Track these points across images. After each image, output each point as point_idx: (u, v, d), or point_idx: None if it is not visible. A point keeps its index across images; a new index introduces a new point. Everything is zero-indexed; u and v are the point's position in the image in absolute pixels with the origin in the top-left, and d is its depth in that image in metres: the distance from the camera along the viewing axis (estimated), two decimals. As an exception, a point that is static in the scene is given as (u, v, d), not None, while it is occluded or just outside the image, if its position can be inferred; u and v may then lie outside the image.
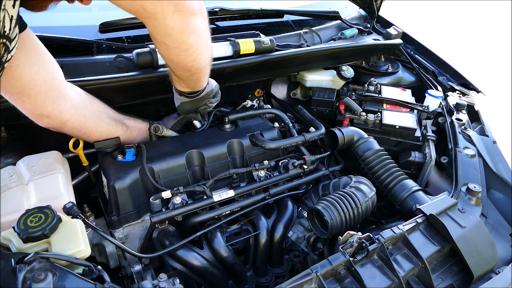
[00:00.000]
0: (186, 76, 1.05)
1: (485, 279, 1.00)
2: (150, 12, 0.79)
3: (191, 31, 0.87)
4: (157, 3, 0.77)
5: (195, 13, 0.85)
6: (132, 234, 1.17)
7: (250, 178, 1.29)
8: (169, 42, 0.89)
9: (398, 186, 1.26)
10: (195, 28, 0.87)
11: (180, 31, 0.85)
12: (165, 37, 0.87)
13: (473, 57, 5.32)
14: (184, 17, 0.83)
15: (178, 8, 0.80)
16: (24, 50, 0.89)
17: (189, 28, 0.86)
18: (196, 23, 0.87)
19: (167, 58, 0.98)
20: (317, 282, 0.89)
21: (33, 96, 0.96)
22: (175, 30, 0.84)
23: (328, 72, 1.76)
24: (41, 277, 0.73)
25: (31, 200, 0.98)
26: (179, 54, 0.93)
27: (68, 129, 1.10)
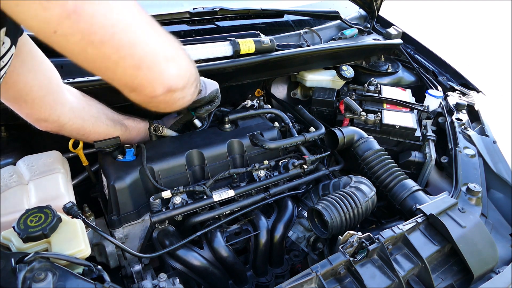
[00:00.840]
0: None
1: (485, 279, 1.00)
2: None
3: (180, 104, 0.80)
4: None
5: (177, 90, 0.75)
6: (132, 234, 1.17)
7: (250, 178, 1.29)
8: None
9: (398, 186, 1.26)
10: (185, 100, 0.80)
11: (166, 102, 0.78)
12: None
13: (473, 57, 5.31)
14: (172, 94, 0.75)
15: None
16: (20, 56, 0.87)
17: (178, 103, 0.79)
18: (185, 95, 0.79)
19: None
20: (317, 282, 0.89)
21: (30, 101, 0.95)
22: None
23: (328, 72, 1.76)
24: (41, 277, 0.73)
25: (31, 200, 0.98)
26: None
27: (67, 132, 1.11)
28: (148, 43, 0.64)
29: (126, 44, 0.60)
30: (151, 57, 0.65)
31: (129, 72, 0.65)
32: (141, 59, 0.64)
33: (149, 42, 0.64)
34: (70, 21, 0.51)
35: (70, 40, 0.54)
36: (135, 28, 0.61)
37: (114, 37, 0.57)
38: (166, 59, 0.69)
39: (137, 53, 0.63)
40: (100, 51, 0.58)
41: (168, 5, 1.61)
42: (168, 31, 1.51)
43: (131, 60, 0.63)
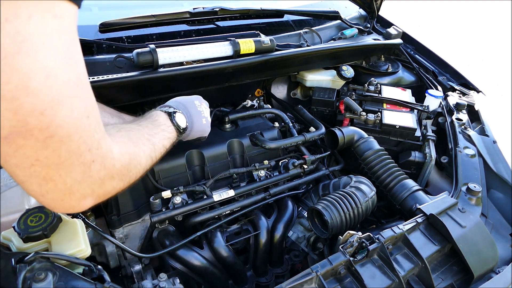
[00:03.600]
0: None
1: (485, 278, 1.00)
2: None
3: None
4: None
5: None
6: (132, 234, 1.17)
7: (250, 178, 1.29)
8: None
9: (398, 186, 1.26)
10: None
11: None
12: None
13: (473, 57, 5.32)
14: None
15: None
16: None
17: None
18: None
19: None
20: (317, 282, 0.89)
21: None
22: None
23: (328, 72, 1.76)
24: (41, 277, 0.73)
25: (31, 199, 0.98)
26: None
27: None
28: (67, 183, 0.56)
29: (40, 177, 0.54)
30: (61, 194, 0.58)
31: (31, 193, 0.58)
32: (48, 192, 0.56)
33: (68, 182, 0.56)
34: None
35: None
36: (60, 169, 0.54)
37: (30, 168, 0.52)
38: (82, 197, 0.60)
39: (48, 187, 0.56)
40: (10, 169, 0.53)
41: (168, 5, 1.61)
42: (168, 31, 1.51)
43: (38, 188, 0.56)
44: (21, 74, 0.45)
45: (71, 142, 0.53)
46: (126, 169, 0.71)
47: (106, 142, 0.62)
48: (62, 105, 0.50)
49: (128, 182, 0.73)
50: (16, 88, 0.45)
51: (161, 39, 1.41)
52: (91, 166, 0.59)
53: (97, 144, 0.59)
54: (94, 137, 0.58)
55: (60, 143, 0.52)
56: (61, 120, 0.50)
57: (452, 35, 6.10)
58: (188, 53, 1.28)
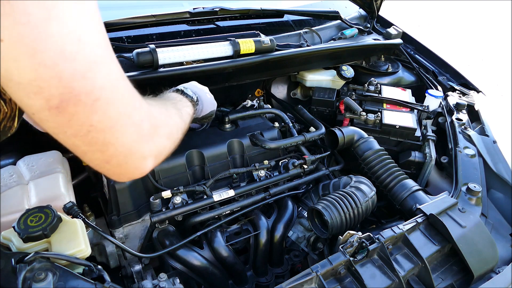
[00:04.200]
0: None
1: (485, 278, 1.00)
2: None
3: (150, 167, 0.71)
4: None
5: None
6: (132, 234, 1.17)
7: (250, 178, 1.29)
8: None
9: (398, 185, 1.26)
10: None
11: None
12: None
13: (473, 57, 5.32)
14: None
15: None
16: None
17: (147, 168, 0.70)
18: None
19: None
20: (317, 282, 0.89)
21: None
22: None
23: (328, 72, 1.76)
24: (41, 277, 0.73)
25: (31, 199, 0.98)
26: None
27: None
28: (125, 143, 0.60)
29: (99, 142, 0.57)
30: (123, 157, 0.61)
31: (96, 162, 0.62)
32: (112, 157, 0.60)
33: (126, 143, 0.60)
34: (50, 113, 0.51)
35: (45, 124, 0.54)
36: (115, 130, 0.58)
37: (88, 134, 0.55)
38: (142, 157, 0.65)
39: (110, 151, 0.59)
40: (70, 140, 0.56)
41: (168, 5, 1.62)
42: (168, 31, 1.51)
43: (101, 155, 0.59)
44: (56, 39, 0.47)
45: (117, 103, 0.57)
46: (168, 127, 0.76)
47: (144, 102, 0.66)
48: (99, 68, 0.53)
49: (173, 143, 0.77)
50: (54, 54, 0.47)
51: (161, 39, 1.41)
52: (142, 124, 0.63)
53: (139, 104, 0.63)
54: (135, 97, 0.62)
55: (107, 105, 0.55)
56: (102, 82, 0.53)
57: (452, 35, 6.10)
58: (188, 53, 1.28)
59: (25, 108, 0.52)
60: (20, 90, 0.49)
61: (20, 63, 0.46)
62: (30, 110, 0.52)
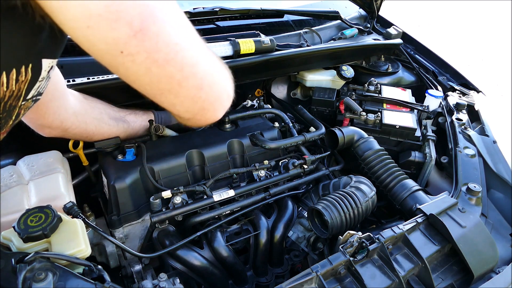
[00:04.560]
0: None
1: (485, 278, 1.00)
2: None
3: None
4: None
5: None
6: (132, 234, 1.17)
7: (250, 178, 1.29)
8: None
9: (398, 186, 1.26)
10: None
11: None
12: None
13: (473, 57, 5.32)
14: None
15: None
16: None
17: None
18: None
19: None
20: (317, 282, 0.89)
21: (34, 107, 0.95)
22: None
23: (328, 72, 1.76)
24: (41, 277, 0.73)
25: (31, 199, 0.98)
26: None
27: (70, 136, 1.12)
28: (207, 62, 0.64)
29: (189, 62, 0.60)
30: (211, 77, 0.65)
31: (192, 93, 0.64)
32: (202, 79, 0.63)
33: (207, 61, 0.64)
34: (136, 40, 0.53)
35: (136, 60, 0.55)
36: (196, 47, 0.61)
37: (177, 55, 0.58)
38: (225, 78, 0.69)
39: (199, 72, 0.62)
40: (165, 70, 0.58)
41: (168, 5, 1.61)
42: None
43: (194, 80, 0.62)
44: None
45: (185, 21, 0.61)
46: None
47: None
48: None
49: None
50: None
51: (161, 39, 1.41)
52: (211, 54, 0.67)
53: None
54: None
55: (180, 22, 0.59)
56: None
57: (452, 35, 6.10)
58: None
59: (113, 46, 0.53)
60: (101, 24, 0.50)
61: None
62: (118, 46, 0.53)
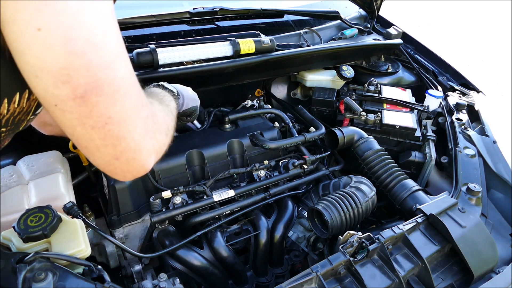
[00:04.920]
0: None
1: (485, 279, 1.00)
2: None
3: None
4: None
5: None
6: (132, 234, 1.17)
7: (250, 178, 1.29)
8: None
9: (398, 186, 1.26)
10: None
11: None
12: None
13: (473, 57, 5.31)
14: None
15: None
16: None
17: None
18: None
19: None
20: (317, 282, 0.89)
21: None
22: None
23: (328, 72, 1.76)
24: (41, 277, 0.73)
25: (31, 199, 0.98)
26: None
27: None
28: (135, 139, 0.63)
29: (113, 135, 0.60)
30: (132, 153, 0.65)
31: (106, 159, 0.64)
32: (122, 152, 0.63)
33: (136, 138, 0.64)
34: (74, 103, 0.54)
35: (66, 115, 0.57)
36: (129, 124, 0.61)
37: (105, 127, 0.59)
38: (148, 153, 0.68)
39: (121, 146, 0.62)
40: (88, 133, 0.59)
41: (168, 5, 1.61)
42: (168, 31, 1.51)
43: (113, 150, 0.62)
44: (86, 30, 0.51)
45: (132, 96, 0.61)
46: (165, 123, 0.80)
47: (146, 99, 0.70)
48: (121, 61, 0.58)
49: (170, 139, 0.81)
50: (85, 43, 0.51)
51: (161, 39, 1.41)
52: (147, 120, 0.67)
53: (145, 100, 0.67)
54: (142, 93, 0.66)
55: (124, 97, 0.59)
56: (122, 74, 0.58)
57: (452, 35, 6.09)
58: (188, 53, 1.28)
59: (50, 98, 0.54)
60: (49, 79, 0.52)
61: (54, 51, 0.50)
62: (55, 100, 0.54)
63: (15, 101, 0.60)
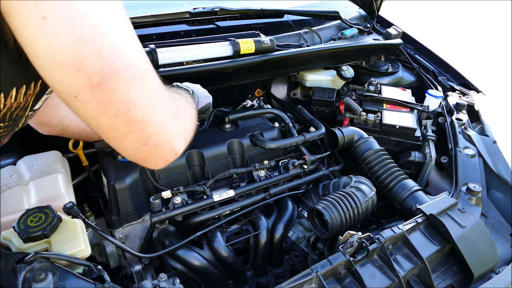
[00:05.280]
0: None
1: (485, 279, 1.00)
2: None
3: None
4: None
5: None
6: (132, 234, 1.17)
7: (250, 178, 1.29)
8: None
9: (398, 186, 1.26)
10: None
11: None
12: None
13: (473, 57, 5.31)
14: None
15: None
16: None
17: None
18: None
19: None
20: (317, 282, 0.89)
21: None
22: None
23: (328, 72, 1.76)
24: (41, 277, 0.73)
25: (31, 199, 0.98)
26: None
27: (69, 135, 1.11)
28: (160, 122, 0.64)
29: (138, 120, 0.61)
30: (159, 136, 0.65)
31: (135, 146, 0.65)
32: (149, 136, 0.64)
33: (161, 121, 0.64)
34: (92, 91, 0.54)
35: (87, 106, 0.57)
36: (151, 108, 0.62)
37: (128, 112, 0.59)
38: (175, 136, 0.69)
39: (147, 130, 0.63)
40: (112, 122, 0.59)
41: (168, 5, 1.61)
42: (168, 31, 1.51)
43: (140, 136, 0.63)
44: (92, 16, 0.51)
45: (150, 79, 0.61)
46: (187, 110, 0.81)
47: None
48: (132, 46, 0.57)
49: (194, 126, 0.82)
50: (92, 30, 0.51)
51: (161, 39, 1.41)
52: (169, 104, 0.68)
53: (162, 84, 0.67)
54: (158, 78, 0.66)
55: (142, 82, 0.59)
56: (136, 59, 0.58)
57: (452, 35, 6.09)
58: (188, 53, 1.28)
59: (69, 90, 0.55)
60: (63, 70, 0.52)
61: (62, 39, 0.50)
62: (73, 91, 0.54)
63: (11, 96, 0.60)
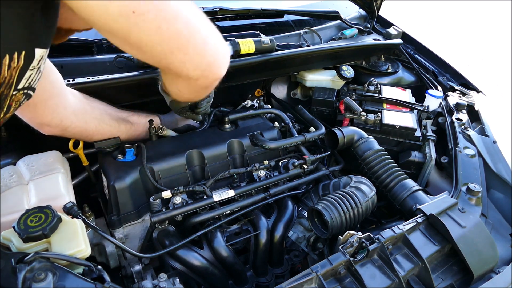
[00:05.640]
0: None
1: (485, 279, 1.00)
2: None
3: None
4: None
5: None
6: (132, 234, 1.17)
7: (250, 178, 1.29)
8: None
9: (398, 186, 1.26)
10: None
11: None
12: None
13: (473, 57, 5.31)
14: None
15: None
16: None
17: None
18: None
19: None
20: (317, 282, 0.89)
21: (32, 105, 0.94)
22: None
23: (328, 72, 1.76)
24: (41, 277, 0.73)
25: (31, 199, 0.98)
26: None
27: (69, 135, 1.11)
28: (207, 23, 0.72)
29: (193, 19, 0.67)
30: (213, 33, 0.73)
31: (199, 48, 0.70)
32: (207, 35, 0.71)
33: (208, 22, 0.72)
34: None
35: (147, 18, 0.59)
36: (196, 10, 0.68)
37: (183, 12, 0.64)
38: (220, 38, 0.77)
39: (203, 27, 0.69)
40: (174, 27, 0.63)
41: (168, 5, 1.61)
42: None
43: (199, 35, 0.69)
44: None
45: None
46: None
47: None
48: None
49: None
50: None
51: (161, 39, 1.41)
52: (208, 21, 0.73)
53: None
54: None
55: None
56: None
57: (452, 35, 6.09)
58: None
59: (125, 6, 0.57)
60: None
61: None
62: (129, 5, 0.57)
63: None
